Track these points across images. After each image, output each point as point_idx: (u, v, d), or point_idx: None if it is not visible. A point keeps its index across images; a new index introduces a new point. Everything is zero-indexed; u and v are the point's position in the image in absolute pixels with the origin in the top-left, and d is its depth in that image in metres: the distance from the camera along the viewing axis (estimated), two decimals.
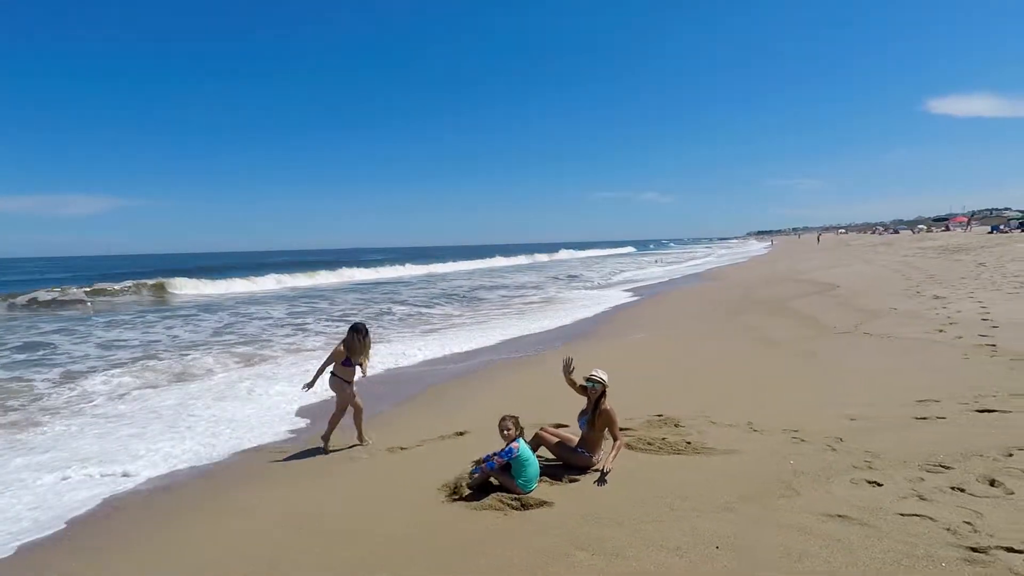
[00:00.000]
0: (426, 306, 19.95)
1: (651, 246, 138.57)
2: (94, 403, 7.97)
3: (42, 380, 9.38)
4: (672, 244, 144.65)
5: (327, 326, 15.44)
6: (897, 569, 2.97)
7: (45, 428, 6.88)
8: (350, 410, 6.06)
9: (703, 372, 7.95)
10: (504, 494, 4.34)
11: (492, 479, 4.53)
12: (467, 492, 4.49)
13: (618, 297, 19.59)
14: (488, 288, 27.19)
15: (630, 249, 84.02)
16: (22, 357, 11.44)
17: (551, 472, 4.78)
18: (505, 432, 4.52)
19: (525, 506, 4.21)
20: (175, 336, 14.05)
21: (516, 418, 4.57)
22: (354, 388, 6.04)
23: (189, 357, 10.93)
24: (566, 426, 5.46)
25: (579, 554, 3.41)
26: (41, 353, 11.82)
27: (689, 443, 5.15)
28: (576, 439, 4.99)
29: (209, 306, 21.62)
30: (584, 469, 4.80)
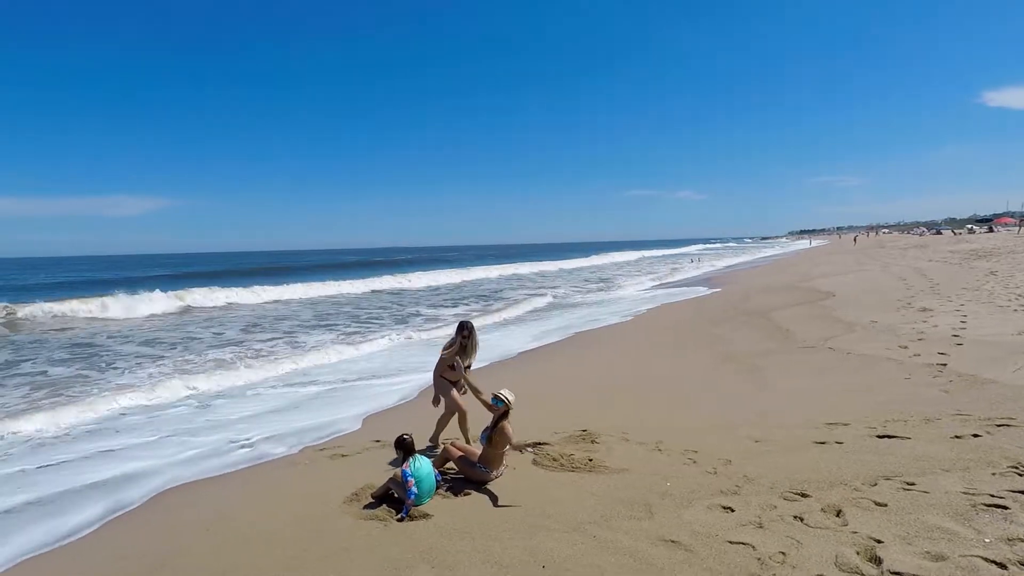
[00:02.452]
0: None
1: (700, 243, 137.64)
2: None
3: None
4: (707, 244, 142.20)
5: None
6: None
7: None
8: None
9: (644, 388, 8.09)
10: (398, 502, 4.69)
11: (393, 492, 4.85)
12: (368, 502, 4.84)
13: (623, 308, 19.67)
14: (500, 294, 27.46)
15: (663, 251, 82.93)
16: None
17: (455, 485, 5.09)
18: (397, 452, 4.90)
19: (411, 517, 4.53)
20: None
21: (404, 440, 4.89)
22: (460, 391, 6.04)
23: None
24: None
25: (421, 566, 3.71)
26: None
27: (591, 460, 5.37)
28: (479, 455, 5.29)
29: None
30: (481, 484, 5.09)
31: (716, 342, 10.91)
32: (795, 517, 3.92)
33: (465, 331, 6.00)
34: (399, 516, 4.50)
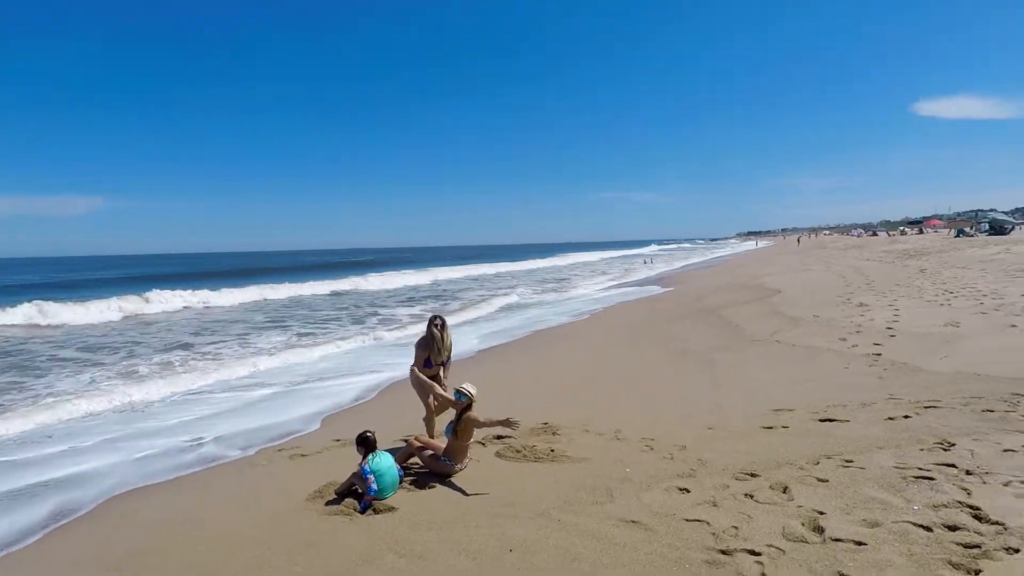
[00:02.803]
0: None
1: (655, 244, 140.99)
2: None
3: None
4: (658, 244, 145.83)
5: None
6: (649, 568, 3.33)
7: None
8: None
9: (602, 382, 8.32)
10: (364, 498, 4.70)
11: (357, 488, 4.86)
12: (331, 498, 4.83)
13: (576, 308, 19.99)
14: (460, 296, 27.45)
15: (620, 252, 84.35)
16: None
17: (419, 480, 5.13)
18: (358, 449, 4.92)
19: (376, 511, 4.54)
20: None
21: (367, 437, 4.92)
22: (438, 391, 5.80)
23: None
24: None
25: (388, 556, 3.75)
26: None
27: (553, 451, 5.51)
28: (444, 448, 5.35)
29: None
30: (446, 477, 5.15)
31: (671, 338, 11.28)
32: (746, 495, 4.16)
33: (438, 322, 5.87)
34: (359, 509, 4.53)
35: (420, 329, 14.61)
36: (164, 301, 22.76)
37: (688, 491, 4.33)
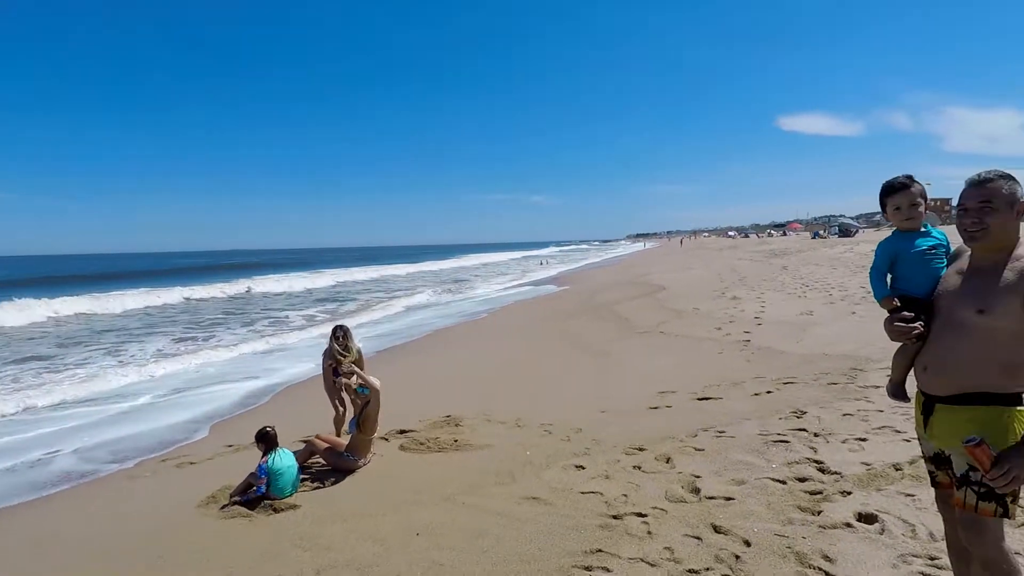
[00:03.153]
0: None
1: (551, 246, 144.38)
2: None
3: None
4: (558, 246, 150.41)
5: None
6: (549, 537, 3.58)
7: None
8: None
9: (503, 376, 8.58)
10: (262, 501, 4.56)
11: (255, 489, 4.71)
12: (228, 501, 4.64)
13: (472, 308, 20.24)
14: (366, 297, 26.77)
15: (520, 254, 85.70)
16: None
17: (320, 476, 5.06)
18: (258, 446, 4.79)
19: (276, 510, 4.44)
20: None
21: (267, 433, 4.80)
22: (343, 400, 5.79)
23: None
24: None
25: (293, 551, 3.72)
26: None
27: (456, 440, 5.66)
28: (346, 444, 5.32)
29: None
30: (349, 472, 5.13)
31: (566, 333, 11.81)
32: (634, 467, 4.55)
33: (339, 332, 6.03)
34: (241, 500, 4.46)
35: (314, 332, 14.25)
36: (24, 309, 19.98)
37: (583, 468, 4.65)
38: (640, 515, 3.71)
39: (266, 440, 4.77)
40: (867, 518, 3.38)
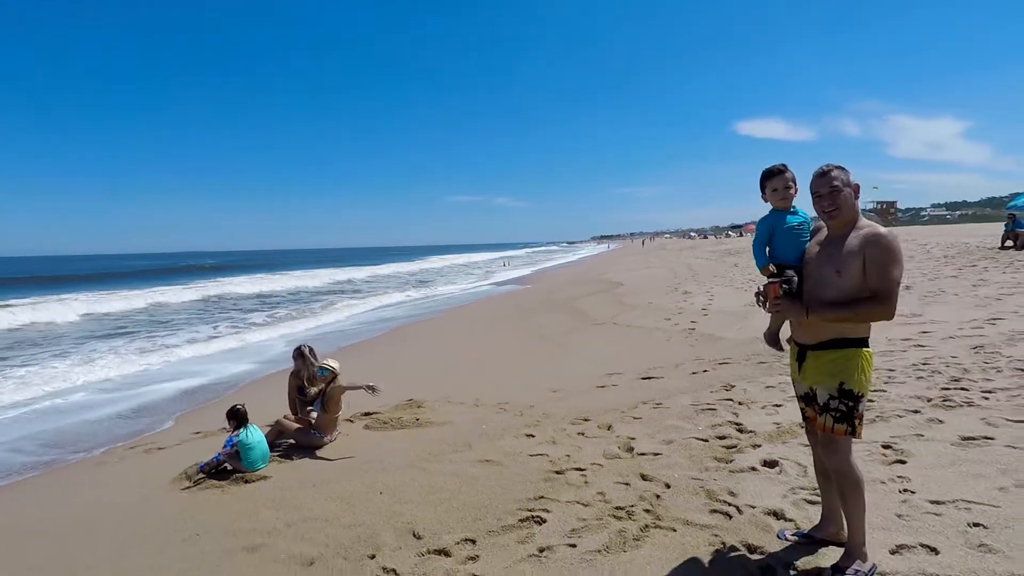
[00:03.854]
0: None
1: (517, 248, 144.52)
2: None
3: None
4: (527, 247, 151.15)
5: None
6: (498, 489, 4.02)
7: None
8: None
9: (464, 364, 9.02)
10: (233, 475, 4.87)
11: (227, 465, 5.01)
12: (199, 478, 4.92)
13: (442, 303, 20.57)
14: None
15: (485, 255, 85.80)
16: None
17: (288, 453, 5.39)
18: (229, 424, 5.09)
19: (247, 482, 4.76)
20: None
21: (238, 410, 5.11)
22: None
23: None
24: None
25: (265, 512, 4.06)
26: None
27: (418, 419, 6.05)
28: (314, 422, 5.66)
29: None
30: (318, 448, 5.47)
31: (527, 326, 12.31)
32: (579, 433, 5.05)
33: (305, 350, 5.96)
34: (199, 467, 4.78)
35: (273, 332, 14.34)
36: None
37: (533, 436, 5.12)
38: (579, 470, 4.20)
39: (237, 417, 5.08)
40: (770, 464, 3.94)
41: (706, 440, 4.53)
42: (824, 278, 2.63)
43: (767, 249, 2.88)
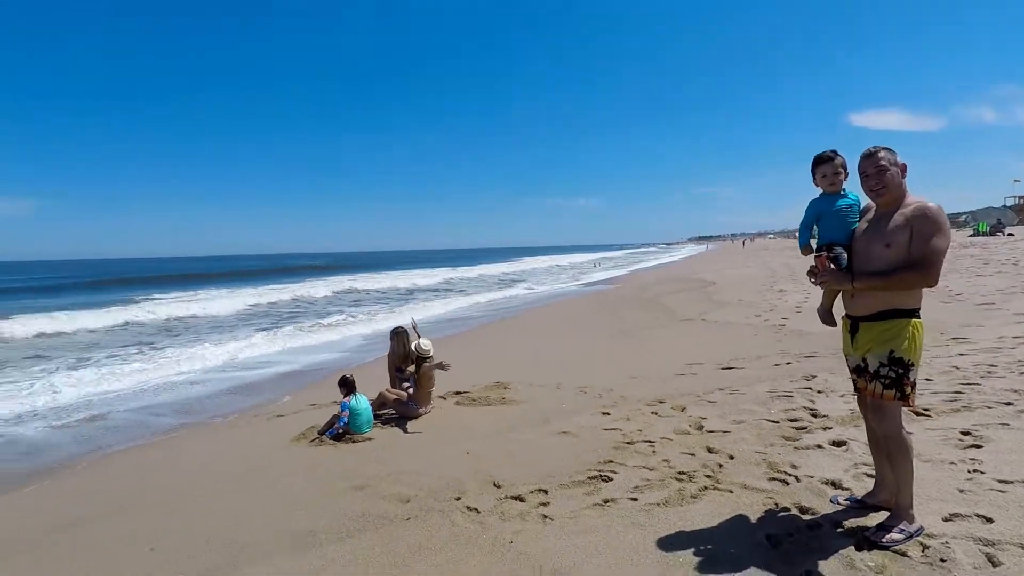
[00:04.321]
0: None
1: (612, 249, 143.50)
2: None
3: None
4: (622, 249, 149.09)
5: None
6: (571, 455, 4.41)
7: None
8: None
9: (550, 354, 9.42)
10: (344, 437, 5.61)
11: (339, 427, 5.78)
12: (315, 438, 5.71)
13: (533, 298, 21.15)
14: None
15: (579, 257, 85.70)
16: None
17: (389, 421, 6.08)
18: (340, 390, 5.84)
19: (355, 442, 5.48)
20: None
21: (347, 379, 5.85)
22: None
23: None
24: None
25: (371, 465, 4.70)
26: None
27: (503, 398, 6.56)
28: (410, 396, 6.33)
29: None
30: (414, 418, 6.13)
31: (613, 321, 12.53)
32: (652, 413, 5.32)
33: (403, 337, 6.60)
34: (328, 434, 5.46)
35: (389, 323, 15.54)
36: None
37: (608, 414, 5.46)
38: (648, 442, 4.49)
39: (347, 384, 5.82)
40: (838, 443, 4.04)
41: (776, 422, 4.66)
42: (873, 252, 2.80)
43: (815, 231, 3.07)
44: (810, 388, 5.56)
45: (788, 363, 6.85)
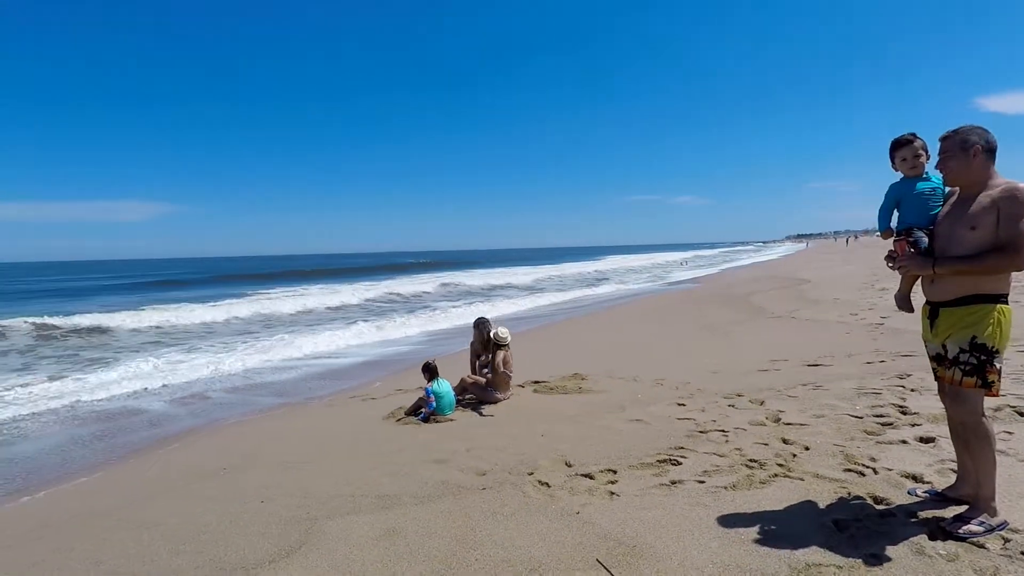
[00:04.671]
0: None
1: (702, 248, 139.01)
2: None
3: None
4: (713, 247, 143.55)
5: None
6: (643, 441, 4.50)
7: None
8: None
9: (630, 347, 9.45)
10: (428, 417, 6.02)
11: (423, 409, 6.19)
12: (402, 418, 6.16)
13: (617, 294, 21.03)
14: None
15: (667, 256, 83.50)
16: None
17: (469, 405, 6.42)
18: (424, 375, 6.24)
19: (437, 422, 5.86)
20: None
21: (429, 364, 6.24)
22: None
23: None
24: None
25: (451, 441, 5.03)
26: None
27: (580, 388, 6.71)
28: (488, 382, 6.64)
29: None
30: (493, 403, 6.42)
31: (697, 317, 12.29)
32: (729, 405, 5.28)
33: (485, 327, 6.94)
34: (420, 418, 5.84)
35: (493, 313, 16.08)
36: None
37: (684, 405, 5.48)
38: (722, 431, 4.50)
39: (429, 370, 6.20)
40: (925, 440, 3.87)
41: (860, 417, 4.51)
42: (956, 235, 2.71)
43: (895, 215, 3.01)
44: (902, 386, 5.29)
45: (881, 361, 6.51)
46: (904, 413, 4.52)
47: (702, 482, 3.52)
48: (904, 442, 3.85)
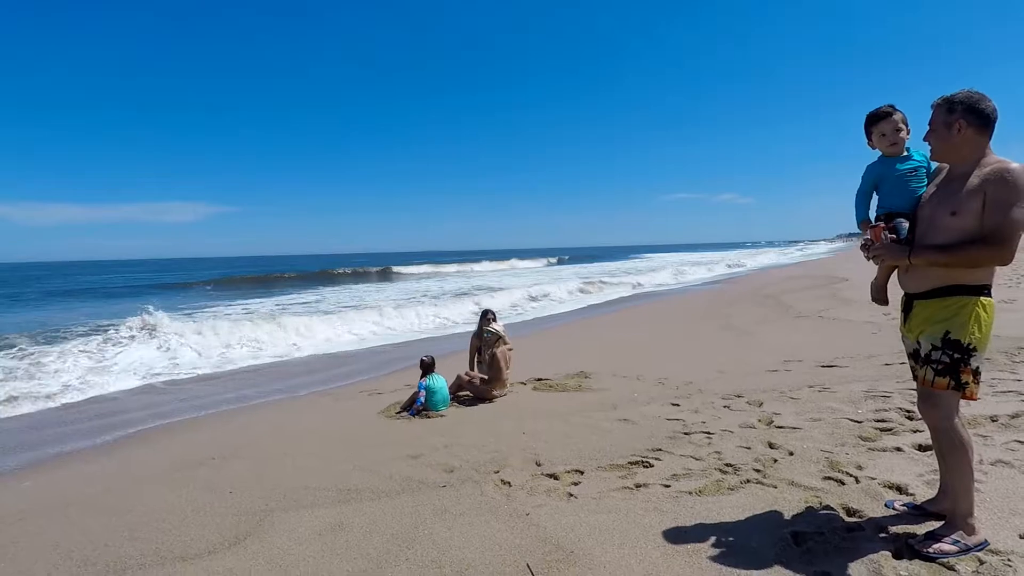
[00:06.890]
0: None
1: (745, 247, 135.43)
2: None
3: None
4: (755, 247, 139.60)
5: None
6: (624, 441, 4.30)
7: None
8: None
9: (643, 346, 9.16)
10: (421, 413, 5.96)
11: (418, 405, 6.14)
12: (397, 413, 6.13)
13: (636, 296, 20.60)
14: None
15: (708, 255, 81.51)
16: None
17: (465, 402, 6.34)
18: (421, 371, 6.18)
19: (429, 418, 5.79)
20: None
21: (424, 360, 6.17)
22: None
23: None
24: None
25: (434, 436, 4.94)
26: None
27: (580, 386, 6.53)
28: (485, 378, 6.53)
29: None
30: (490, 400, 6.31)
31: (721, 316, 11.85)
32: (724, 407, 5.02)
33: (489, 316, 6.92)
34: (408, 413, 5.77)
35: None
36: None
37: (678, 405, 5.24)
38: (707, 433, 4.26)
39: (423, 366, 6.15)
40: (923, 448, 3.55)
41: (859, 422, 4.19)
42: (937, 220, 2.43)
43: (875, 199, 2.74)
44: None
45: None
46: (909, 419, 4.18)
47: (668, 486, 3.32)
48: (899, 449, 3.54)
